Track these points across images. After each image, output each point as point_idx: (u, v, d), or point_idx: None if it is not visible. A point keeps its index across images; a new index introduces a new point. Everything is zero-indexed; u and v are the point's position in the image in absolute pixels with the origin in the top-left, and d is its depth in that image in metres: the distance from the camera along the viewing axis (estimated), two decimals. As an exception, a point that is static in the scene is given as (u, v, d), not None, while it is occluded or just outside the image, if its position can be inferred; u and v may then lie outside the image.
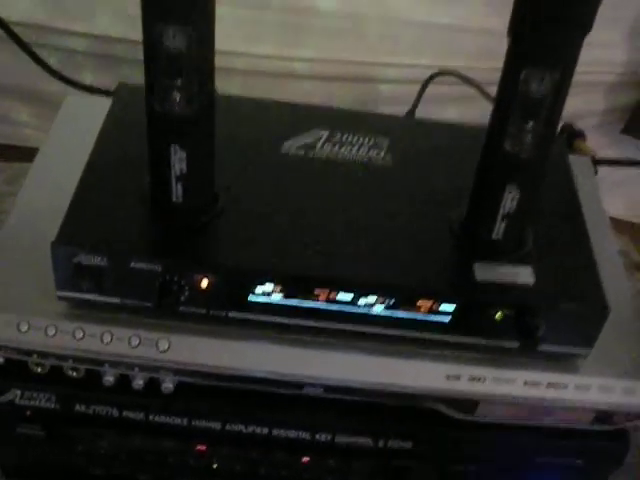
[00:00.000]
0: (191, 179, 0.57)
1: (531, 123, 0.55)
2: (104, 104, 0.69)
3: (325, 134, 0.67)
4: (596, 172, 0.77)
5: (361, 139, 0.68)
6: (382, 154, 0.67)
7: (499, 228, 0.59)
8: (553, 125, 0.56)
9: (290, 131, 0.67)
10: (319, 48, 1.12)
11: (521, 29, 0.52)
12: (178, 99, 0.53)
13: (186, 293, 0.57)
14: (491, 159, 0.57)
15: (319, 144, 0.67)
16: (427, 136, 0.70)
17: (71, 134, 0.71)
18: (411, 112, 0.89)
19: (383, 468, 0.65)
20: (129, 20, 1.05)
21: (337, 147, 0.67)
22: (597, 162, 0.78)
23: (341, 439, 0.62)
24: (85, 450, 0.65)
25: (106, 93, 0.87)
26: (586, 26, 0.51)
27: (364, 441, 0.62)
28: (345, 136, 0.68)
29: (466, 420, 0.61)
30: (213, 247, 0.59)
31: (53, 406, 0.62)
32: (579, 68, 0.58)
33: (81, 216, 0.58)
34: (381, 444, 0.62)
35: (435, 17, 1.12)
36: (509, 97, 0.54)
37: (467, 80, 0.88)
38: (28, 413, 0.63)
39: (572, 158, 0.70)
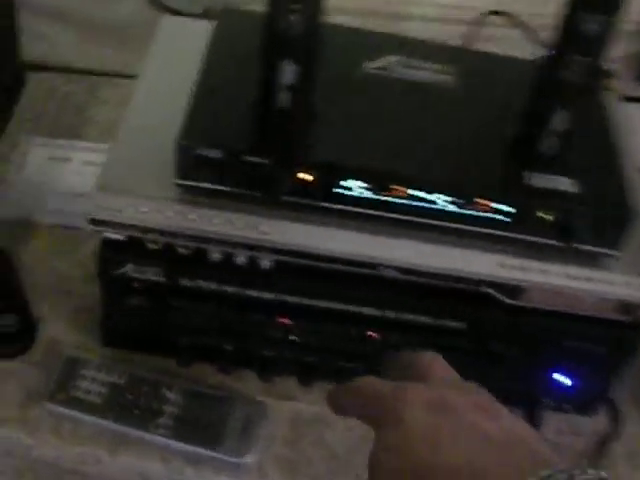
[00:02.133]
0: (297, 89, 0.67)
1: (583, 57, 0.65)
2: (200, 26, 0.80)
3: (398, 58, 0.78)
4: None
5: (430, 64, 0.79)
6: (449, 78, 0.78)
7: (549, 144, 0.70)
8: (599, 59, 0.66)
9: (371, 53, 0.78)
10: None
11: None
12: (295, 20, 0.64)
13: (287, 184, 0.68)
14: (547, 85, 0.68)
15: (393, 66, 0.77)
16: (488, 64, 0.81)
17: (172, 53, 0.82)
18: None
19: (436, 346, 0.76)
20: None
21: (409, 69, 0.77)
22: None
23: (405, 316, 0.74)
24: (182, 321, 0.77)
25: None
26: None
27: (425, 319, 0.74)
28: (417, 61, 0.78)
29: (513, 305, 0.73)
30: (310, 146, 0.70)
31: (162, 279, 0.73)
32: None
33: (200, 116, 0.69)
34: (439, 323, 0.74)
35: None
36: (567, 33, 0.65)
37: (519, 23, 0.97)
38: (136, 285, 0.74)
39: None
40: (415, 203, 0.69)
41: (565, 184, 0.70)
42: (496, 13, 1.00)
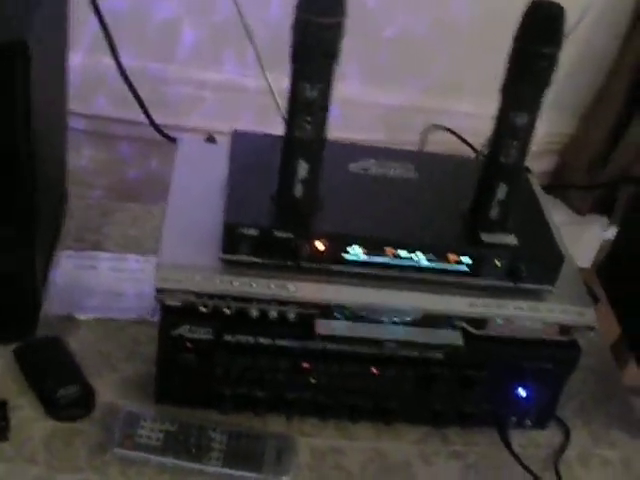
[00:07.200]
0: (308, 181, 0.91)
1: (515, 142, 0.92)
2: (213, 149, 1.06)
3: (374, 161, 1.04)
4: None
5: (397, 164, 1.05)
6: (412, 173, 1.04)
7: (495, 210, 0.95)
8: (527, 145, 0.93)
9: (353, 158, 1.03)
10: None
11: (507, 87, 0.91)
12: (309, 128, 0.88)
13: (306, 252, 0.91)
14: (491, 167, 0.95)
15: (371, 166, 1.03)
16: (438, 162, 1.08)
17: (195, 167, 1.06)
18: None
19: (424, 377, 0.98)
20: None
21: (383, 169, 1.03)
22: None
23: (398, 351, 0.96)
24: (222, 372, 0.96)
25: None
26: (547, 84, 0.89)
27: (414, 353, 0.96)
28: (387, 162, 1.04)
29: (479, 335, 0.96)
30: (322, 223, 0.93)
31: (210, 337, 0.94)
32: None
33: (237, 205, 0.92)
34: (424, 354, 0.96)
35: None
36: (502, 126, 0.92)
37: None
38: (188, 345, 0.95)
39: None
40: (399, 262, 0.93)
41: (508, 239, 0.95)
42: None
